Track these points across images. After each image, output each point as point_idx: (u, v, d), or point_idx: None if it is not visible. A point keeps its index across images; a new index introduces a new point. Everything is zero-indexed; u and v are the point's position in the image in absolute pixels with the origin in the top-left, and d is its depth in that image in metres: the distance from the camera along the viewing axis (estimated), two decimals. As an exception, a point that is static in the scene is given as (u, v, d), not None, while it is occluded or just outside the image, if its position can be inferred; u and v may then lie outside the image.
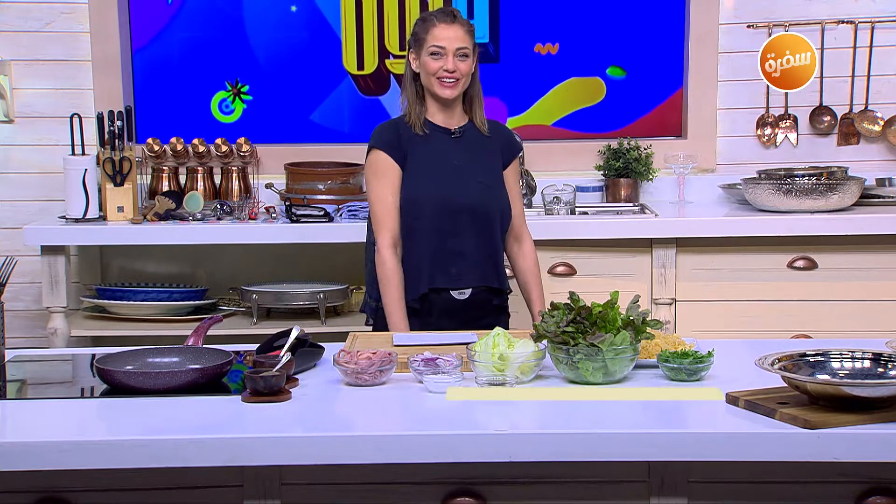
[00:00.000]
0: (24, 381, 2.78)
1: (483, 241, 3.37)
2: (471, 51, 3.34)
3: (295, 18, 4.83)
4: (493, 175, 3.41)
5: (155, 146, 4.53)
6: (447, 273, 3.34)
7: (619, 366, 2.53)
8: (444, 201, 3.33)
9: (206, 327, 2.92)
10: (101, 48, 4.72)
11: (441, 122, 3.40)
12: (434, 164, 3.35)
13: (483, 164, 3.41)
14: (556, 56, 4.82)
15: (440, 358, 2.60)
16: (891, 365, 2.42)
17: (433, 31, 3.32)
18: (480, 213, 3.36)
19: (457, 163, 3.37)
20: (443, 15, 3.35)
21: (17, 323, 4.68)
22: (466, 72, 3.34)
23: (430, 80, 3.34)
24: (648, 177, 4.67)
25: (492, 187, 3.39)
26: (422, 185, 3.34)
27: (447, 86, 3.32)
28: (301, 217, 4.29)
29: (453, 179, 3.35)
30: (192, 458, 2.23)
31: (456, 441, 2.24)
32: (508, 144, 3.50)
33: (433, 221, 3.33)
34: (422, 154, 3.36)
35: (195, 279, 4.70)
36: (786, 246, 4.24)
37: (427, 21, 3.36)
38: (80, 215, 4.34)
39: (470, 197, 3.35)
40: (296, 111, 4.87)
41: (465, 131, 3.41)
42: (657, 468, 2.29)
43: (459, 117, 3.42)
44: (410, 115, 3.38)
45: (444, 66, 3.30)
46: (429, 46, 3.32)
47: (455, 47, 3.30)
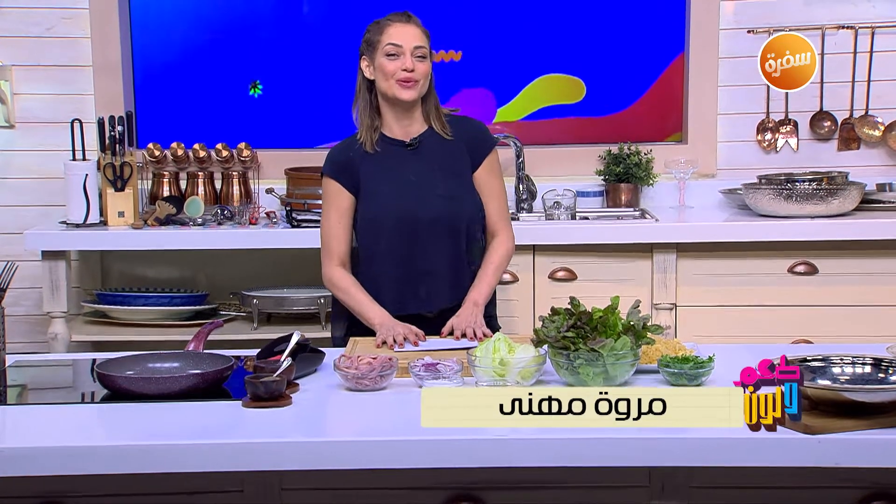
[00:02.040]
0: (24, 386, 2.78)
1: (452, 257, 3.20)
2: (428, 52, 3.17)
3: (305, 18, 4.83)
4: (457, 181, 3.22)
5: (156, 151, 4.53)
6: (416, 296, 3.18)
7: (619, 371, 2.53)
8: (403, 220, 3.16)
9: (206, 332, 2.92)
10: (101, 53, 4.72)
11: (398, 133, 3.22)
12: (389, 182, 3.19)
13: (444, 173, 3.21)
14: (548, 56, 4.84)
15: (441, 363, 2.60)
16: (891, 370, 2.42)
17: (388, 30, 3.15)
18: (444, 227, 3.18)
19: (414, 178, 3.19)
20: (397, 15, 3.19)
21: (18, 328, 4.67)
22: (425, 73, 3.16)
23: (388, 83, 3.14)
24: (649, 182, 4.67)
25: (454, 198, 3.20)
26: (379, 206, 3.18)
27: (407, 87, 3.13)
28: (302, 222, 4.29)
29: (411, 195, 3.18)
30: (192, 464, 2.23)
31: (456, 446, 2.24)
32: (475, 142, 3.27)
33: (395, 243, 3.18)
34: (375, 173, 3.19)
35: (196, 284, 4.70)
36: (786, 251, 4.24)
37: (380, 23, 3.19)
38: (80, 220, 4.34)
39: (431, 211, 3.17)
40: (301, 113, 4.87)
41: (423, 140, 3.22)
42: (658, 473, 2.29)
43: (419, 124, 3.23)
44: (361, 133, 3.21)
45: (402, 65, 3.11)
46: (384, 46, 3.13)
47: (413, 45, 3.12)
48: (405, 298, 3.18)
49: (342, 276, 3.22)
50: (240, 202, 4.55)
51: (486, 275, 3.21)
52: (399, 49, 3.13)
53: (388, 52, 3.13)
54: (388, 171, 3.20)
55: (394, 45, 3.13)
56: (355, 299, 3.17)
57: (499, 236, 3.28)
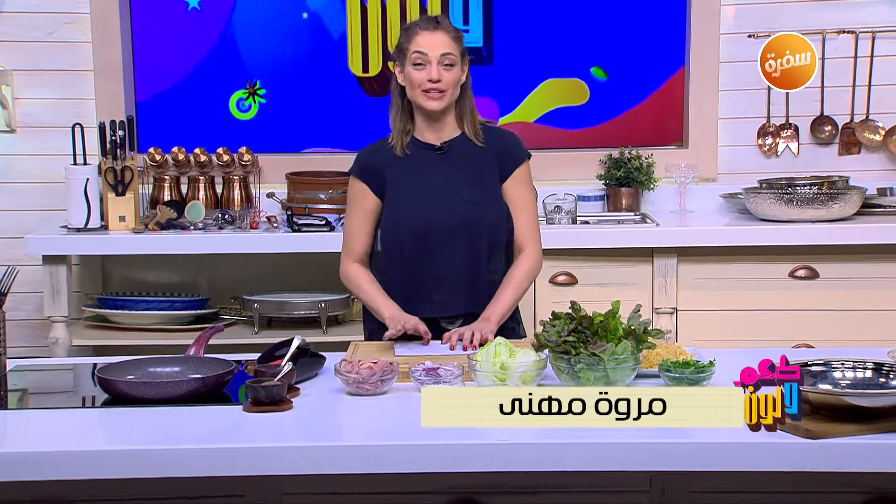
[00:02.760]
0: (25, 390, 2.78)
1: (470, 263, 3.14)
2: (458, 59, 3.10)
3: (304, 24, 4.84)
4: (483, 189, 3.17)
5: (156, 155, 4.53)
6: (431, 301, 3.14)
7: (620, 375, 2.53)
8: (425, 223, 3.13)
9: (207, 337, 2.92)
10: (102, 58, 4.73)
11: (429, 137, 3.18)
12: (415, 186, 3.15)
13: (471, 180, 3.17)
14: (551, 61, 4.84)
15: (441, 367, 2.60)
16: (892, 375, 2.42)
17: (415, 38, 3.09)
18: (464, 232, 3.12)
19: (441, 181, 3.15)
20: (425, 22, 3.13)
21: (19, 332, 4.68)
22: (452, 82, 3.10)
23: (415, 92, 3.11)
24: (650, 186, 4.67)
25: (480, 203, 3.15)
26: (402, 209, 3.15)
27: (433, 97, 3.09)
28: (302, 226, 4.29)
29: (435, 199, 3.14)
30: (193, 468, 2.23)
31: (457, 450, 2.24)
32: (506, 153, 3.22)
33: (413, 246, 3.14)
34: (402, 177, 3.16)
35: (196, 288, 4.70)
36: (787, 255, 4.24)
37: (409, 30, 3.14)
38: (81, 225, 4.34)
39: (453, 216, 3.12)
40: (302, 118, 4.87)
41: (454, 145, 3.19)
42: (658, 478, 2.29)
43: (451, 129, 3.19)
44: (393, 135, 3.19)
45: (428, 75, 3.07)
46: (411, 55, 3.08)
47: (438, 54, 3.06)
48: (420, 302, 3.15)
49: (358, 271, 3.21)
50: (241, 206, 4.55)
51: (505, 291, 3.15)
52: (425, 58, 3.08)
53: (415, 60, 3.09)
54: (415, 175, 3.17)
55: (420, 53, 3.08)
56: (368, 294, 3.16)
57: (525, 251, 3.21)
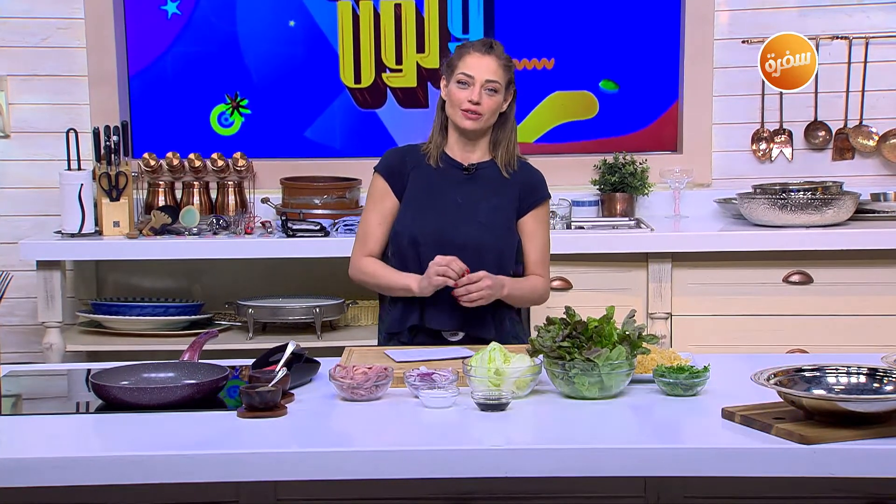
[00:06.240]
0: (19, 396, 2.78)
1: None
2: (502, 87, 3.15)
3: (292, 33, 4.83)
4: (499, 217, 3.20)
5: (151, 161, 4.53)
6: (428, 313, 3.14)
7: (615, 381, 2.53)
8: (435, 238, 3.15)
9: (201, 342, 2.92)
10: (97, 63, 4.72)
11: (458, 155, 3.23)
12: (434, 199, 3.20)
13: (490, 205, 3.20)
14: (551, 70, 4.84)
15: (436, 373, 2.60)
16: (886, 380, 2.42)
17: (465, 58, 3.15)
18: (473, 252, 3.12)
19: (460, 200, 3.19)
20: (479, 44, 3.18)
21: (13, 338, 4.67)
22: (491, 108, 3.15)
23: (454, 109, 3.16)
24: (644, 191, 4.67)
25: (493, 228, 3.18)
26: (413, 219, 3.19)
27: (468, 117, 3.14)
28: (297, 232, 4.29)
29: (450, 216, 3.18)
30: (187, 474, 2.23)
31: (452, 456, 2.23)
32: (531, 190, 3.25)
33: (417, 256, 3.16)
34: (424, 186, 3.21)
35: (191, 294, 4.69)
36: (781, 261, 4.24)
37: (462, 48, 3.19)
38: (75, 230, 4.33)
39: (464, 235, 3.15)
40: (292, 126, 4.87)
41: (481, 169, 3.23)
42: (653, 483, 2.29)
43: (481, 153, 3.24)
44: (430, 144, 3.25)
45: (469, 96, 3.12)
46: (458, 74, 3.14)
47: (484, 79, 3.12)
48: (415, 312, 3.16)
49: (369, 261, 3.23)
50: (235, 212, 4.55)
51: (520, 279, 3.21)
52: (470, 80, 3.13)
53: (460, 80, 3.15)
54: (436, 187, 3.21)
55: (466, 74, 3.14)
56: (385, 277, 3.18)
57: (536, 276, 3.25)
